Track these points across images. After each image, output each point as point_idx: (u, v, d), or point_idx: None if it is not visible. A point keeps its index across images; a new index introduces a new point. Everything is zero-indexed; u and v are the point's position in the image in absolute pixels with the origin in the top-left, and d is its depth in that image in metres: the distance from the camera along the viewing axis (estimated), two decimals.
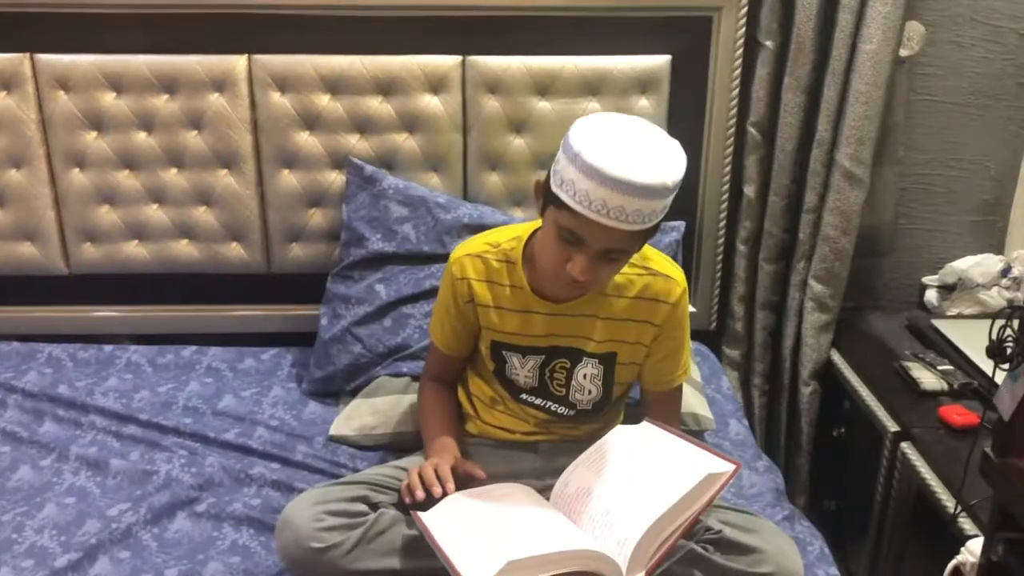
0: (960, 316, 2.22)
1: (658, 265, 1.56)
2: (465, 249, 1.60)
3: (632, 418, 1.62)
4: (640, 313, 1.56)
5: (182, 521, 1.62)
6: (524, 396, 1.61)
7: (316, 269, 2.14)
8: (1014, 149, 2.25)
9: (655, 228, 1.40)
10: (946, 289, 2.29)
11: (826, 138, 2.03)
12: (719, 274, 2.23)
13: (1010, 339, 1.10)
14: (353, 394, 1.96)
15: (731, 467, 1.35)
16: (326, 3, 1.98)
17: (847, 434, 2.14)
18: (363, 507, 1.45)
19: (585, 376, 1.59)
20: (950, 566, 1.32)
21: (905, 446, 1.81)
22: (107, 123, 2.04)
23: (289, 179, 2.09)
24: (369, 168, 2.04)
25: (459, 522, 1.38)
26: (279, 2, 1.98)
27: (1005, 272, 2.24)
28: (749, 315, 2.26)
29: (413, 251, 2.00)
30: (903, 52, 2.05)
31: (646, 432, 1.51)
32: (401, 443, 1.81)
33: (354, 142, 2.06)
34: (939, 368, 1.97)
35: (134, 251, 2.14)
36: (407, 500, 1.45)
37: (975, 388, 1.90)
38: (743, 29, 2.02)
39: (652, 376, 1.63)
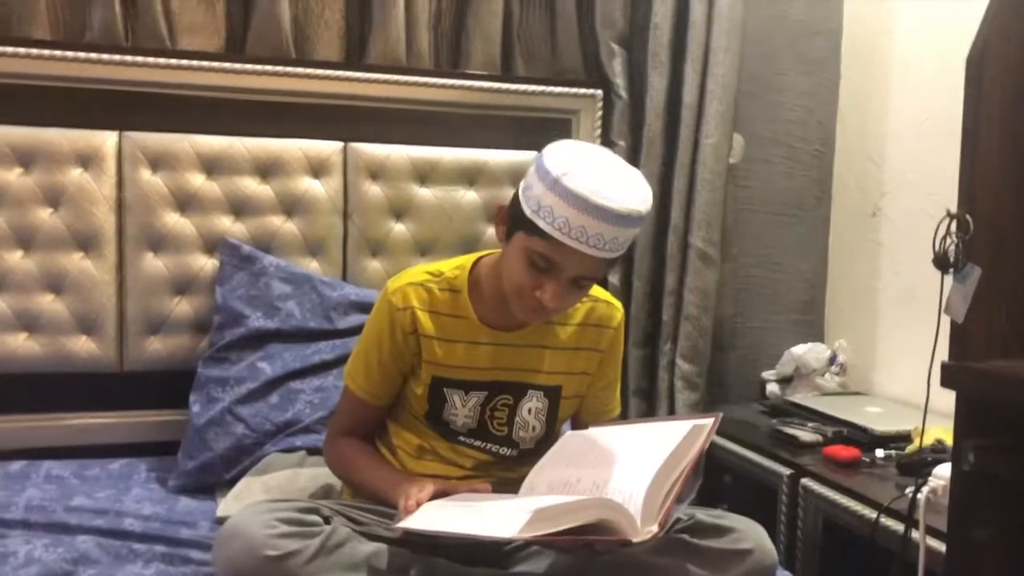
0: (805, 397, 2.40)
1: (597, 292, 1.57)
2: (406, 278, 1.51)
3: None
4: (586, 340, 1.55)
5: None
6: (462, 439, 1.51)
7: (176, 366, 1.95)
8: (820, 254, 2.58)
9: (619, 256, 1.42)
10: (784, 381, 2.48)
11: (680, 224, 2.24)
12: None
13: (952, 245, 1.24)
14: (234, 484, 1.74)
15: (711, 419, 1.33)
16: (205, 83, 1.96)
17: (731, 509, 2.16)
18: (317, 518, 1.28)
19: (529, 411, 1.52)
20: (922, 497, 1.36)
21: (806, 480, 1.88)
22: None
23: (154, 263, 1.94)
24: (247, 247, 1.96)
25: (453, 511, 1.27)
26: (156, 80, 1.93)
27: (832, 359, 2.47)
28: (623, 404, 2.29)
29: (298, 327, 1.90)
30: (730, 160, 2.35)
31: (601, 430, 1.47)
32: None
33: (229, 224, 1.98)
34: (809, 426, 2.10)
35: None
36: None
37: (845, 435, 2.04)
38: (599, 131, 2.24)
39: (592, 406, 1.61)
